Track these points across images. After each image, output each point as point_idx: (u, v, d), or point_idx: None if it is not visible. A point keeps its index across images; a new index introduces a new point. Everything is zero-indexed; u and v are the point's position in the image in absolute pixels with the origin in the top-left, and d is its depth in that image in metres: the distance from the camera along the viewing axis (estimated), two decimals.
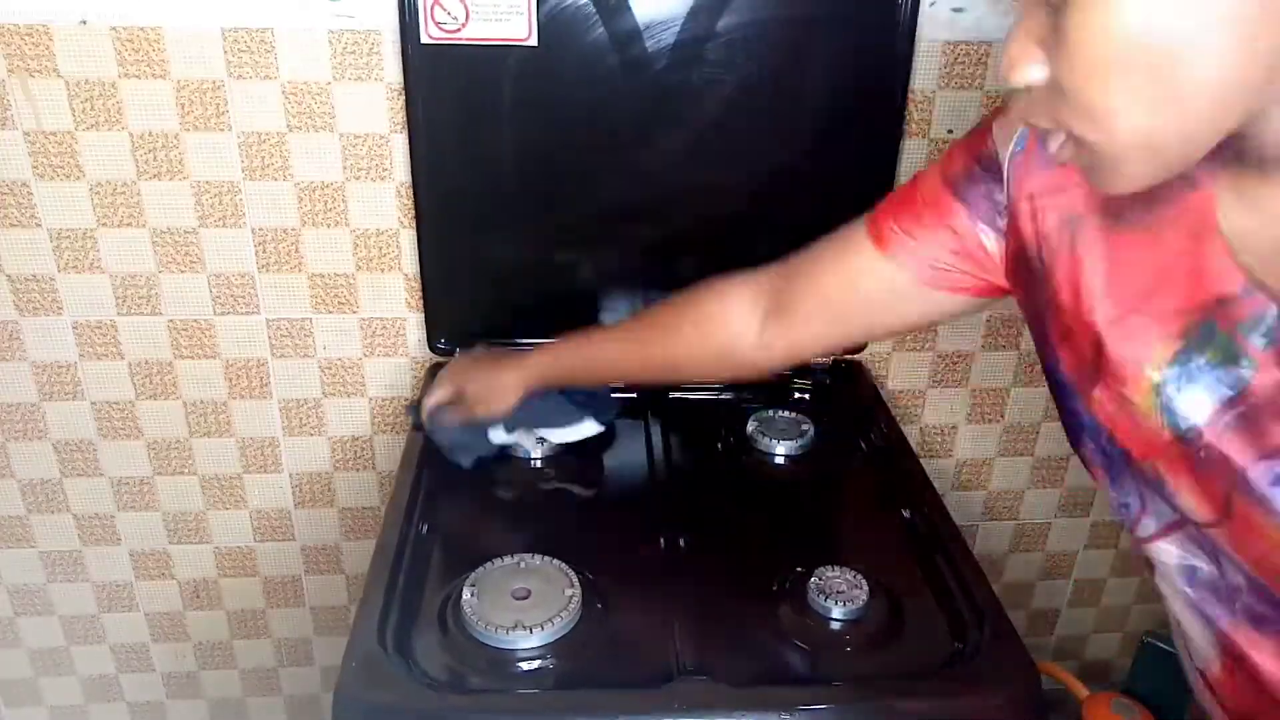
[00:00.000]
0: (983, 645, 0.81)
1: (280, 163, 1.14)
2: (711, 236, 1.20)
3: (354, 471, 1.36)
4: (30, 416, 1.28)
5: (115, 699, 1.52)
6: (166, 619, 1.46)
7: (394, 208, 1.17)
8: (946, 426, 1.39)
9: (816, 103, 1.12)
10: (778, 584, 0.90)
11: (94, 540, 1.38)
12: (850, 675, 0.79)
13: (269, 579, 1.43)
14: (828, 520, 1.10)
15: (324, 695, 1.54)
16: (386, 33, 1.08)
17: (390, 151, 1.14)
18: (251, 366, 1.26)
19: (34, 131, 1.10)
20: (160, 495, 1.35)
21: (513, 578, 0.87)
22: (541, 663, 0.80)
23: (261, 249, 1.19)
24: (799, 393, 1.25)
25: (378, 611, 0.82)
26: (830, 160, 1.15)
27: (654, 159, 1.15)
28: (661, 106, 1.11)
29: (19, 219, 1.15)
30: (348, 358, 1.27)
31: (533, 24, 1.04)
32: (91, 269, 1.18)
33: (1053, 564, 1.54)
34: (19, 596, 1.42)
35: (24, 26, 1.05)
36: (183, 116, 1.10)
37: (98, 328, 1.22)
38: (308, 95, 1.10)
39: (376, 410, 1.31)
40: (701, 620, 0.85)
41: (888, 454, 1.11)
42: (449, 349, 1.22)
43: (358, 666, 0.77)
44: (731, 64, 1.09)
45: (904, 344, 1.32)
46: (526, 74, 1.07)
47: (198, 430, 1.30)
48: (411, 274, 1.21)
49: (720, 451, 1.14)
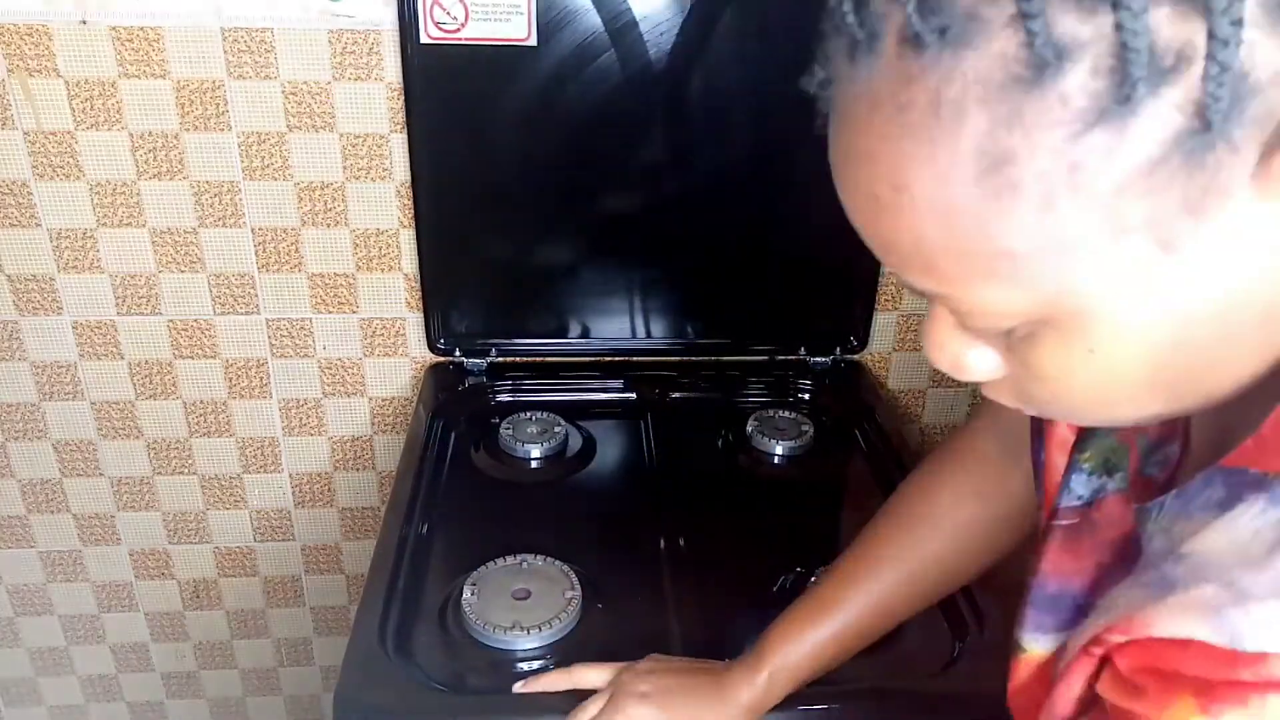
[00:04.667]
0: (982, 644, 0.81)
1: (280, 163, 1.14)
2: (711, 236, 1.20)
3: (354, 471, 1.35)
4: (30, 416, 1.28)
5: (115, 699, 1.52)
6: (166, 619, 1.46)
7: (394, 208, 1.17)
8: (946, 426, 1.39)
9: (816, 103, 1.12)
10: (778, 585, 0.90)
11: (94, 540, 1.38)
12: (850, 676, 0.79)
13: (269, 579, 1.43)
14: (827, 520, 1.10)
15: (324, 695, 1.54)
16: (386, 33, 1.07)
17: (390, 151, 1.14)
18: (251, 366, 1.26)
19: (34, 131, 1.10)
20: (160, 495, 1.35)
21: (513, 578, 0.87)
22: (541, 663, 0.80)
23: (261, 249, 1.19)
24: (799, 393, 1.25)
25: (378, 611, 0.82)
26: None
27: (653, 158, 1.15)
28: (661, 107, 1.11)
29: (19, 219, 1.15)
30: (348, 358, 1.27)
31: (533, 24, 1.04)
32: (91, 269, 1.18)
33: None
34: (19, 596, 1.42)
35: (24, 26, 1.05)
36: (183, 116, 1.10)
37: (98, 328, 1.22)
38: (308, 95, 1.10)
39: (376, 410, 1.31)
40: (702, 621, 0.85)
41: (888, 454, 1.11)
42: (449, 349, 1.22)
43: (358, 666, 0.77)
44: (730, 64, 1.09)
45: (904, 344, 1.32)
46: (526, 74, 1.07)
47: (198, 430, 1.30)
48: (411, 274, 1.21)
49: (720, 451, 1.14)
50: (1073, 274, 0.34)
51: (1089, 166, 0.32)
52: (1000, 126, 0.32)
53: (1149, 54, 0.30)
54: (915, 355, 1.33)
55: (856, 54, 0.35)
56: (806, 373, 1.26)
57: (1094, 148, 0.31)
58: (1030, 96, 0.31)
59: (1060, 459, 0.54)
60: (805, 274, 1.23)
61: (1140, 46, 0.30)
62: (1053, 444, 0.54)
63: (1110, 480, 0.51)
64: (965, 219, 0.34)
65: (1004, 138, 0.32)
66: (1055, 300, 0.35)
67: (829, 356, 1.27)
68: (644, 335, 1.25)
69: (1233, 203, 0.32)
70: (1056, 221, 0.33)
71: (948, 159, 0.33)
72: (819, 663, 0.72)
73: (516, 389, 1.23)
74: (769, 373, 1.27)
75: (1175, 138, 0.31)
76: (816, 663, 0.72)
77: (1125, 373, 0.37)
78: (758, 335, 1.27)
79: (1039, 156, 0.32)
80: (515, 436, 1.11)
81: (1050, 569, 0.52)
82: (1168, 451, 0.48)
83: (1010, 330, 0.39)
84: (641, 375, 1.25)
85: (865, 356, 1.31)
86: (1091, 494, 0.52)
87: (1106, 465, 0.51)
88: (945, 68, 0.32)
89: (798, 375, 1.26)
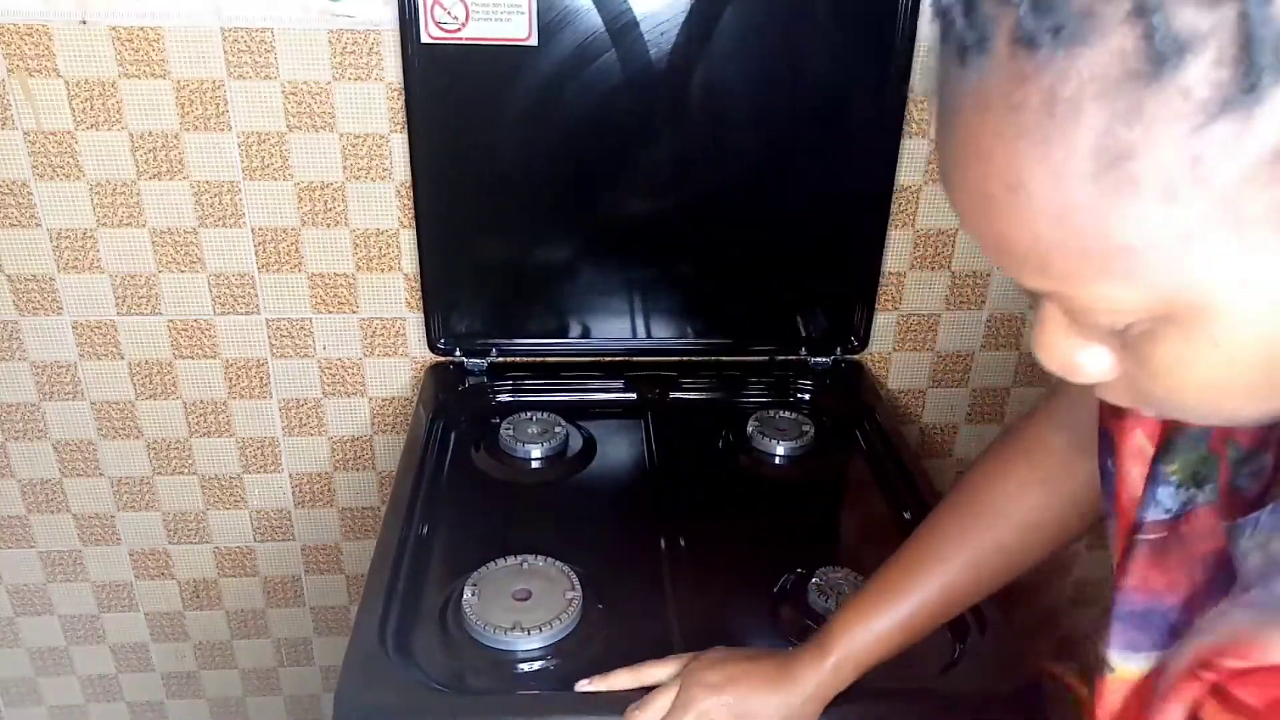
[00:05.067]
0: (983, 646, 0.81)
1: (280, 163, 1.14)
2: (712, 236, 1.20)
3: (354, 471, 1.35)
4: (30, 416, 1.28)
5: (115, 699, 1.52)
6: (166, 619, 1.46)
7: (394, 208, 1.17)
8: (946, 426, 1.39)
9: (816, 103, 1.12)
10: (778, 585, 0.90)
11: (94, 540, 1.38)
12: None
13: (269, 579, 1.43)
14: (828, 520, 1.10)
15: (324, 695, 1.54)
16: (386, 33, 1.07)
17: (390, 151, 1.14)
18: (251, 366, 1.26)
19: (34, 131, 1.10)
20: (160, 495, 1.35)
21: (514, 578, 0.87)
22: (542, 664, 0.80)
23: (261, 249, 1.19)
24: (799, 393, 1.25)
25: (378, 611, 0.82)
26: (831, 160, 1.15)
27: (654, 159, 1.15)
28: (661, 107, 1.11)
29: (19, 219, 1.15)
30: (348, 358, 1.27)
31: (533, 24, 1.04)
32: (91, 269, 1.18)
33: (1053, 564, 1.54)
34: (19, 596, 1.42)
35: (24, 26, 1.05)
36: (183, 116, 1.10)
37: (98, 328, 1.22)
38: (308, 95, 1.10)
39: (376, 410, 1.31)
40: (702, 621, 0.85)
41: (888, 454, 1.11)
42: (449, 349, 1.22)
43: (358, 666, 0.77)
44: (731, 64, 1.09)
45: (904, 344, 1.32)
46: (526, 74, 1.07)
47: (198, 430, 1.30)
48: (411, 274, 1.21)
49: (720, 451, 1.14)
50: (1194, 268, 0.34)
51: (1211, 159, 0.32)
52: (1119, 122, 0.32)
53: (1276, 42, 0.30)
54: (915, 355, 1.33)
55: (967, 56, 0.35)
56: (807, 373, 1.26)
57: (1217, 139, 0.31)
58: (1150, 90, 0.31)
59: (1135, 470, 0.52)
60: (805, 274, 1.23)
61: (1268, 35, 0.30)
62: (1125, 454, 0.53)
63: (1200, 492, 0.50)
64: (1083, 216, 0.34)
65: (1123, 133, 0.32)
66: (1174, 295, 0.35)
67: (829, 356, 1.27)
68: (644, 335, 1.25)
69: None
70: (1178, 215, 0.33)
71: (1064, 156, 0.33)
72: (885, 650, 0.72)
73: (517, 389, 1.23)
74: (769, 373, 1.27)
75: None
76: (882, 650, 0.72)
77: (1246, 367, 0.37)
78: (758, 335, 1.27)
79: (1160, 150, 0.32)
80: (515, 437, 1.11)
81: (1137, 585, 0.51)
82: (1261, 462, 0.47)
83: (1126, 328, 0.38)
84: (642, 375, 1.25)
85: (865, 356, 1.31)
86: (1179, 507, 0.50)
87: (1195, 477, 0.50)
88: (1060, 66, 0.32)
89: (798, 375, 1.26)
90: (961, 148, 0.37)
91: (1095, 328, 0.40)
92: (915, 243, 1.24)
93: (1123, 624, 0.52)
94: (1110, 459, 0.54)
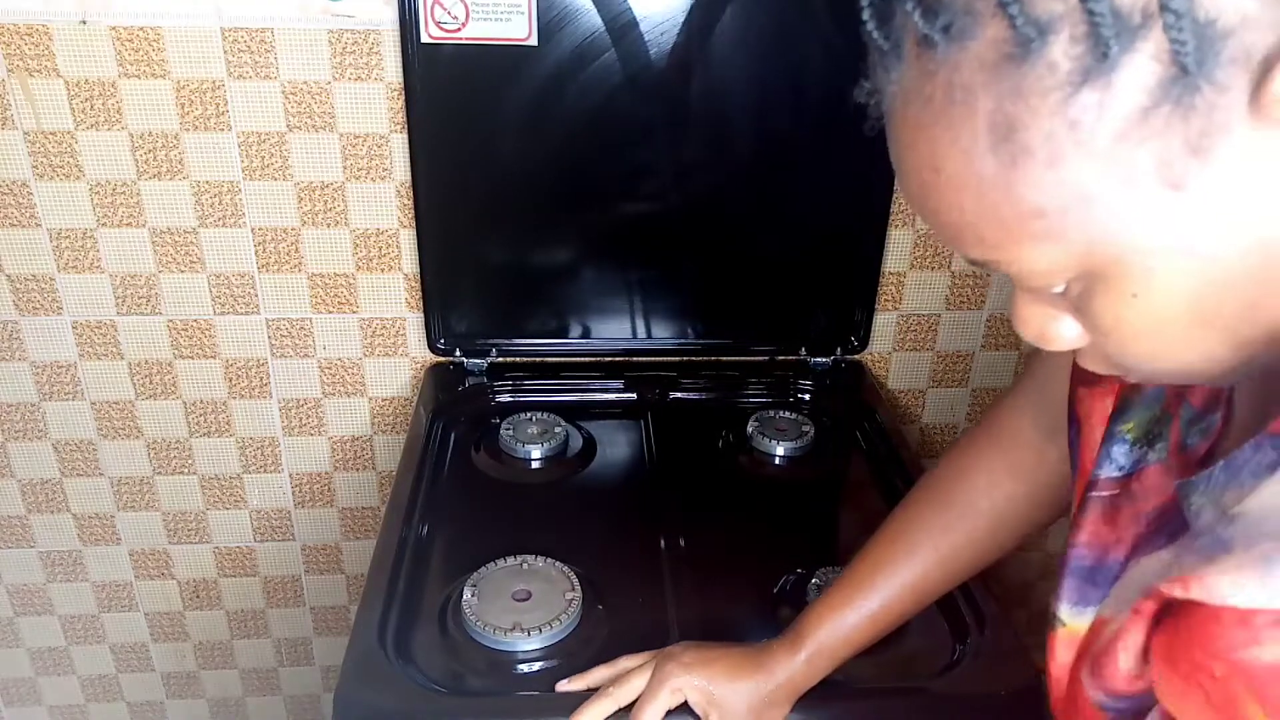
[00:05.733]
0: (983, 646, 0.81)
1: (280, 163, 1.14)
2: (712, 236, 1.20)
3: (354, 471, 1.35)
4: (30, 416, 1.28)
5: (115, 699, 1.52)
6: (166, 619, 1.46)
7: (394, 208, 1.17)
8: (946, 426, 1.39)
9: (816, 103, 1.12)
10: (778, 585, 0.90)
11: (94, 540, 1.38)
12: (851, 676, 0.79)
13: (269, 579, 1.43)
14: (828, 520, 1.10)
15: (324, 695, 1.54)
16: (386, 33, 1.07)
17: (390, 151, 1.14)
18: (251, 366, 1.26)
19: (34, 131, 1.10)
20: (160, 495, 1.35)
21: (513, 579, 0.87)
22: (542, 664, 0.80)
23: (261, 249, 1.19)
24: (799, 393, 1.25)
25: (378, 611, 0.82)
26: (831, 160, 1.15)
27: (653, 159, 1.15)
28: (661, 106, 1.11)
29: (19, 219, 1.15)
30: (347, 358, 1.27)
31: (533, 24, 1.04)
32: (91, 269, 1.18)
33: (1053, 564, 1.54)
34: (19, 596, 1.42)
35: (24, 26, 1.05)
36: (182, 116, 1.10)
37: (98, 328, 1.22)
38: (308, 95, 1.10)
39: (376, 410, 1.31)
40: (702, 621, 0.85)
41: (888, 454, 1.11)
42: (449, 349, 1.22)
43: (358, 666, 0.77)
44: (731, 64, 1.09)
45: (904, 344, 1.32)
46: (526, 74, 1.07)
47: (198, 430, 1.30)
48: (411, 274, 1.21)
49: (720, 451, 1.14)
50: (1097, 223, 0.37)
51: (1087, 122, 0.35)
52: (1005, 100, 0.36)
53: (1113, 16, 0.34)
54: (915, 355, 1.33)
55: (887, 62, 0.40)
56: (807, 373, 1.26)
57: (1087, 104, 0.35)
58: (1023, 70, 0.35)
59: (1099, 431, 0.54)
60: (805, 274, 1.23)
61: (1104, 11, 0.33)
62: (1093, 418, 0.55)
63: (1151, 450, 0.52)
64: (993, 187, 0.38)
65: (1010, 109, 0.36)
66: (1090, 251, 0.38)
67: (829, 357, 1.27)
68: (644, 335, 1.25)
69: (1233, 137, 0.35)
70: (1069, 176, 0.36)
71: (968, 137, 0.37)
72: (855, 644, 0.73)
73: (517, 389, 1.23)
74: (769, 373, 1.27)
75: (1159, 85, 0.34)
76: (853, 644, 0.73)
77: (1170, 317, 0.39)
78: (758, 335, 1.27)
79: (1041, 120, 0.36)
80: (515, 437, 1.11)
81: (1088, 540, 0.53)
82: (1210, 421, 0.49)
83: (1067, 290, 0.42)
84: (642, 375, 1.25)
85: (865, 356, 1.31)
86: (1132, 464, 0.52)
87: (1148, 435, 0.52)
88: (954, 59, 0.37)
89: (798, 375, 1.26)
90: (897, 142, 0.42)
91: (1042, 293, 0.43)
92: (915, 243, 1.24)
93: (1074, 579, 0.53)
94: (1077, 437, 0.57)
